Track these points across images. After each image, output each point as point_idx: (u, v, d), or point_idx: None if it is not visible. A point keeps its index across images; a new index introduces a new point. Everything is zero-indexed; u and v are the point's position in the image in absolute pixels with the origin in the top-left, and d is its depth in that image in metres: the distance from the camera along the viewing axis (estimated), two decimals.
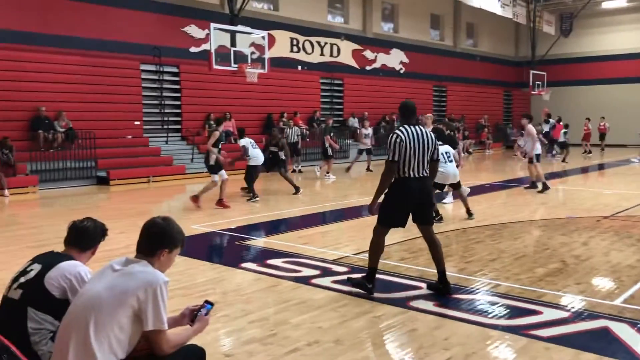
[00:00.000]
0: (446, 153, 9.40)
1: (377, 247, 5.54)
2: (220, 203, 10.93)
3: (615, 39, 33.19)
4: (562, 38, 33.86)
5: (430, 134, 5.45)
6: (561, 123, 23.46)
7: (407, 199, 5.35)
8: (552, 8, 33.51)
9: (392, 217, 5.42)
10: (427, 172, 5.41)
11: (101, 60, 17.01)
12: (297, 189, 13.09)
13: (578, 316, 4.84)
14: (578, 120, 27.92)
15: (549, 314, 4.88)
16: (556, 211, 10.45)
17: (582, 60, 34.31)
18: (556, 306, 5.09)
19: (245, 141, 12.16)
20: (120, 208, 11.63)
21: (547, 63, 32.21)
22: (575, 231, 8.48)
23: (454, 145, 11.98)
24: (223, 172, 10.98)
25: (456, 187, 9.80)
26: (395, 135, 5.29)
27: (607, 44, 33.54)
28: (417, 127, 5.38)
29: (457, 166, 10.02)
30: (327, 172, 16.85)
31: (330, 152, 17.01)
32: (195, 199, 10.99)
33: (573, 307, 5.06)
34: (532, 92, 30.25)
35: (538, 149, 13.37)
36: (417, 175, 5.31)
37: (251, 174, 12.31)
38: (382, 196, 5.47)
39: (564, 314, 4.89)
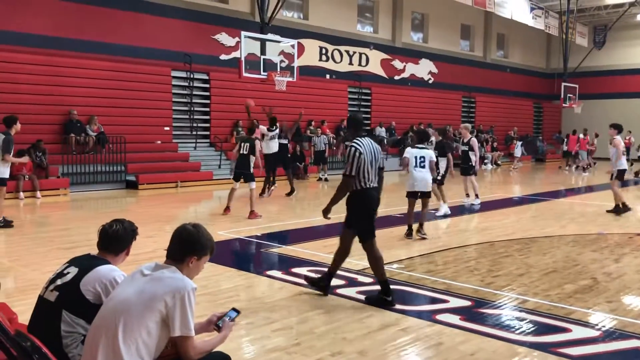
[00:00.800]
0: (421, 157, 8.70)
1: (376, 261, 5.63)
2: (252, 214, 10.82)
3: None
4: (595, 50, 33.32)
5: (377, 145, 5.67)
6: (576, 135, 23.44)
7: (370, 207, 5.57)
8: (586, 20, 33.04)
9: (371, 228, 5.60)
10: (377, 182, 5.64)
11: (133, 66, 17.30)
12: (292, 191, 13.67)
13: (609, 335, 4.73)
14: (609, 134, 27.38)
15: (578, 332, 4.78)
16: (587, 226, 10.24)
17: (615, 73, 33.70)
18: (586, 324, 4.98)
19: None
20: (148, 212, 11.77)
21: (579, 75, 31.71)
22: (606, 247, 8.30)
23: (443, 153, 11.87)
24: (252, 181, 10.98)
25: (426, 196, 8.91)
26: (354, 149, 5.40)
27: None
28: (366, 138, 5.54)
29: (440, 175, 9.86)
30: None
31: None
32: (253, 213, 10.71)
33: (604, 326, 4.94)
34: (564, 105, 29.78)
35: (623, 164, 11.81)
36: (373, 185, 5.53)
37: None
38: (354, 212, 5.58)
39: (594, 333, 4.79)
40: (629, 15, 31.02)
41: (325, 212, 5.74)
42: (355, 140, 5.47)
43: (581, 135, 24.95)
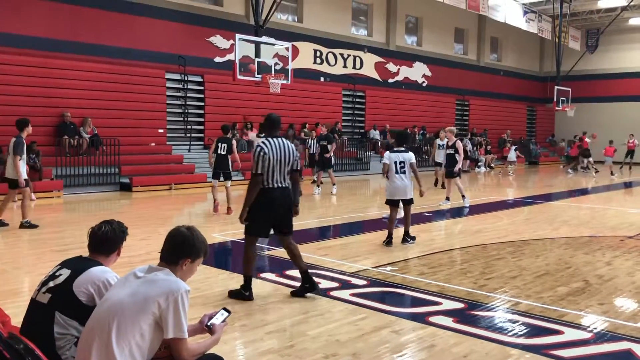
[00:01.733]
0: (400, 162, 8.22)
1: (247, 257, 5.72)
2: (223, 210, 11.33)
3: None
4: (587, 54, 33.53)
5: (291, 146, 5.66)
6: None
7: (272, 208, 5.58)
8: (579, 24, 33.26)
9: (259, 226, 5.62)
10: (288, 182, 5.65)
11: (127, 69, 17.29)
12: None
13: (600, 337, 4.76)
14: (602, 137, 27.52)
15: (570, 334, 4.81)
16: (579, 229, 10.30)
17: (608, 77, 33.92)
18: (578, 326, 5.02)
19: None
20: (142, 215, 11.75)
21: (572, 79, 31.89)
22: (598, 250, 8.36)
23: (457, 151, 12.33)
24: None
25: (407, 203, 8.45)
26: (259, 149, 5.50)
27: (634, 60, 33.14)
28: (279, 139, 5.60)
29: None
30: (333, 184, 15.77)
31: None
32: (230, 209, 11.33)
33: (595, 328, 4.97)
34: (557, 108, 29.94)
35: None
36: (279, 186, 5.55)
37: None
38: (252, 208, 5.64)
39: (586, 335, 4.82)
40: (621, 19, 31.24)
41: (241, 217, 5.71)
42: (263, 140, 5.60)
43: (587, 139, 25.21)
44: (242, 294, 5.62)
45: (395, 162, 8.20)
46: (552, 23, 30.18)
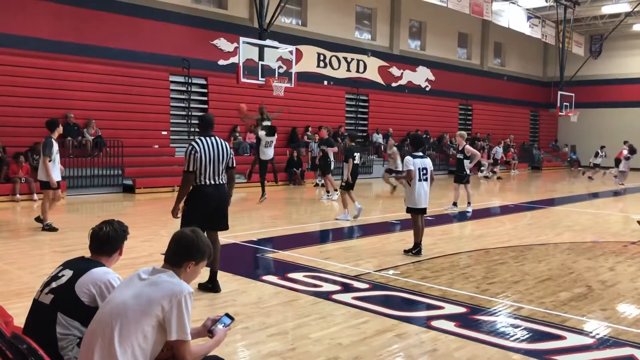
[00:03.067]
0: (423, 169, 7.91)
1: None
2: None
3: None
4: (591, 59, 33.50)
5: (225, 144, 5.82)
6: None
7: (204, 204, 5.73)
8: (582, 29, 33.23)
9: (190, 221, 5.63)
10: (224, 179, 5.82)
11: (131, 71, 17.33)
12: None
13: (603, 343, 4.75)
14: (605, 143, 27.44)
15: (572, 340, 4.81)
16: (582, 234, 10.29)
17: (612, 82, 33.89)
18: (580, 332, 5.01)
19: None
20: (145, 216, 11.77)
21: (576, 84, 31.86)
22: (601, 256, 8.34)
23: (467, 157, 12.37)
24: None
25: (424, 212, 8.14)
26: (190, 147, 5.69)
27: (638, 66, 33.12)
28: (212, 138, 5.77)
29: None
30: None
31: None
32: None
33: (598, 334, 4.96)
34: (560, 114, 29.91)
35: None
36: (212, 183, 5.72)
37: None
38: (187, 204, 5.83)
39: (589, 340, 4.81)
40: (625, 25, 31.20)
41: (173, 211, 5.91)
42: (196, 139, 5.81)
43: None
44: (207, 286, 5.94)
45: (419, 169, 7.86)
46: (556, 28, 30.16)
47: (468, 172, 12.89)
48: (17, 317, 3.57)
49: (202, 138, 5.77)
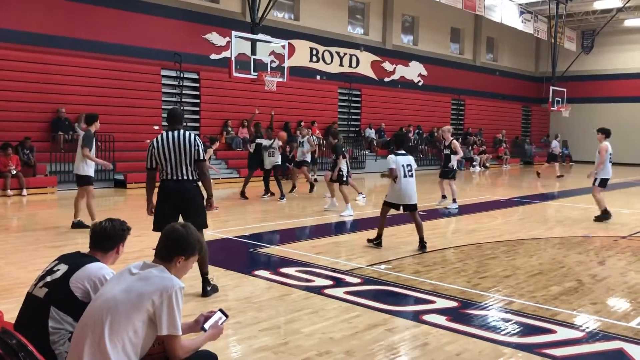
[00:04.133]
0: (408, 166, 7.98)
1: None
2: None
3: (637, 57, 32.94)
4: (583, 55, 33.63)
5: (187, 137, 5.50)
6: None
7: (165, 199, 5.60)
8: (574, 24, 33.35)
9: (157, 217, 5.64)
10: (190, 175, 5.54)
11: (123, 65, 17.23)
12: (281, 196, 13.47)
13: (593, 337, 4.79)
14: (597, 138, 27.54)
15: (563, 333, 4.84)
16: (573, 229, 10.34)
17: (603, 78, 34.06)
18: (571, 325, 5.04)
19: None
20: (137, 211, 11.70)
21: (568, 79, 32.00)
22: (591, 250, 8.40)
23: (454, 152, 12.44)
24: None
25: (412, 209, 8.13)
26: (149, 144, 5.63)
27: (629, 62, 33.28)
28: (174, 132, 5.54)
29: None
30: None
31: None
32: None
33: (588, 327, 5.00)
34: (552, 109, 30.04)
35: (608, 172, 11.37)
36: (173, 177, 5.54)
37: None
38: None
39: (579, 334, 4.84)
40: (617, 20, 31.36)
41: (147, 208, 5.87)
42: (157, 137, 5.66)
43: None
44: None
45: (403, 166, 7.94)
46: (548, 23, 30.26)
47: (455, 167, 12.89)
48: (7, 313, 3.54)
49: (163, 133, 5.60)
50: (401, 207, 8.10)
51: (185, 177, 5.54)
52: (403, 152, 8.23)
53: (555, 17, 29.29)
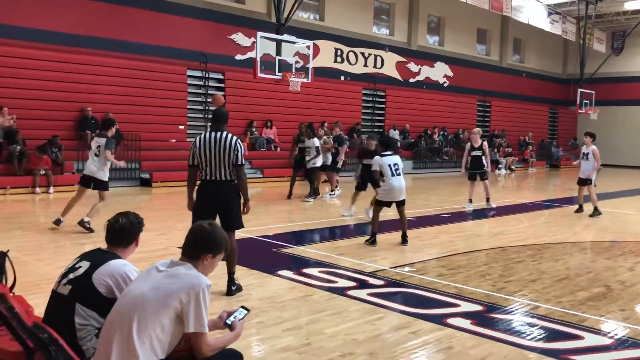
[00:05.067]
0: (395, 164, 8.32)
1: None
2: None
3: None
4: (612, 56, 33.03)
5: (228, 140, 5.55)
6: None
7: (201, 199, 5.73)
8: (604, 25, 32.76)
9: (195, 215, 5.70)
10: (228, 176, 5.60)
11: (149, 65, 17.43)
12: (311, 194, 13.48)
13: (621, 344, 4.69)
14: (625, 141, 27.12)
15: (590, 340, 4.75)
16: (601, 234, 10.16)
17: (633, 80, 33.37)
18: (598, 332, 4.95)
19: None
20: (161, 210, 11.85)
21: (596, 81, 31.44)
22: (620, 255, 8.23)
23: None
24: None
25: (402, 204, 8.52)
26: (192, 142, 5.74)
27: None
28: (215, 133, 5.61)
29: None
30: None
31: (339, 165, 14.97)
32: None
33: (616, 334, 4.90)
34: (579, 111, 29.55)
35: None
36: (212, 179, 5.61)
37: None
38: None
39: (607, 341, 4.75)
40: None
41: (188, 205, 5.95)
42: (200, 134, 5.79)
43: None
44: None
45: (390, 165, 8.27)
46: (577, 25, 29.77)
47: (487, 168, 12.81)
48: (36, 308, 3.62)
49: (206, 132, 5.70)
50: (393, 204, 8.44)
51: (222, 178, 5.62)
52: (389, 152, 8.55)
53: (584, 18, 28.81)
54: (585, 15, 28.60)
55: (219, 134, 5.62)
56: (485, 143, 12.95)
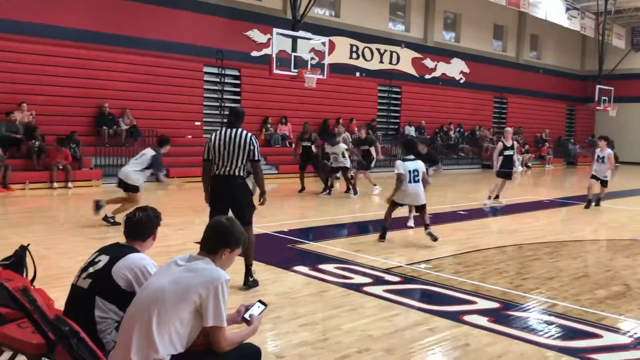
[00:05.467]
0: (414, 171, 8.25)
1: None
2: None
3: None
4: (632, 52, 32.57)
5: (243, 137, 5.67)
6: None
7: (215, 193, 5.85)
8: (624, 21, 32.29)
9: (211, 209, 5.86)
10: (238, 172, 5.70)
11: (166, 61, 17.54)
12: (325, 189, 13.62)
13: None
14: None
15: (609, 339, 4.71)
16: (619, 232, 10.04)
17: None
18: (617, 331, 4.90)
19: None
20: (178, 205, 11.93)
21: (615, 78, 31.02)
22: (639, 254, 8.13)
23: (433, 162, 11.54)
24: None
25: (419, 209, 8.51)
26: (208, 138, 5.89)
27: None
28: (232, 130, 5.76)
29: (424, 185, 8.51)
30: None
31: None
32: None
33: (636, 333, 4.85)
34: (598, 108, 29.19)
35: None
36: (221, 173, 5.73)
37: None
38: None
39: (626, 340, 4.70)
40: None
41: (205, 199, 6.06)
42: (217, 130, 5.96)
43: None
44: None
45: (410, 171, 8.23)
46: (596, 20, 29.39)
47: (518, 168, 12.93)
48: (56, 301, 3.66)
49: (222, 129, 5.85)
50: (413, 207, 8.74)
51: (232, 173, 5.73)
52: (412, 157, 8.47)
53: (603, 14, 28.43)
54: (604, 11, 28.22)
55: (234, 130, 5.76)
56: (515, 142, 13.04)
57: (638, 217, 12.06)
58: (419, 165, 8.36)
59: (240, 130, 5.77)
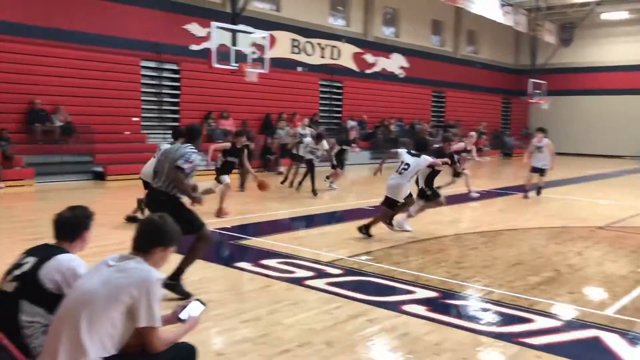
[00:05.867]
0: (406, 164, 8.21)
1: None
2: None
3: (616, 50, 33.31)
4: (562, 47, 33.96)
5: (177, 148, 5.44)
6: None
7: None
8: (554, 17, 33.60)
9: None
10: (164, 183, 5.36)
11: (102, 56, 16.97)
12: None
13: (570, 325, 4.86)
14: (576, 130, 27.91)
15: (541, 322, 4.90)
16: (551, 220, 10.47)
17: (582, 70, 34.39)
18: (548, 315, 5.11)
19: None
20: (116, 204, 11.60)
21: (547, 72, 32.27)
22: (569, 241, 8.51)
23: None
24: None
25: (398, 209, 8.51)
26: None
27: (608, 54, 33.65)
28: (175, 144, 6.06)
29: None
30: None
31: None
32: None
33: (565, 316, 5.07)
34: (531, 101, 30.30)
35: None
36: (155, 185, 5.49)
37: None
38: None
39: (556, 323, 4.91)
40: (595, 14, 31.67)
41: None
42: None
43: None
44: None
45: (402, 162, 8.20)
46: (528, 16, 30.45)
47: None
48: None
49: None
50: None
51: (158, 186, 5.42)
52: (415, 152, 8.38)
53: (534, 10, 29.48)
54: (536, 7, 29.26)
55: (175, 145, 5.84)
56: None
57: (568, 205, 12.62)
58: (416, 162, 8.15)
59: (178, 144, 5.82)
